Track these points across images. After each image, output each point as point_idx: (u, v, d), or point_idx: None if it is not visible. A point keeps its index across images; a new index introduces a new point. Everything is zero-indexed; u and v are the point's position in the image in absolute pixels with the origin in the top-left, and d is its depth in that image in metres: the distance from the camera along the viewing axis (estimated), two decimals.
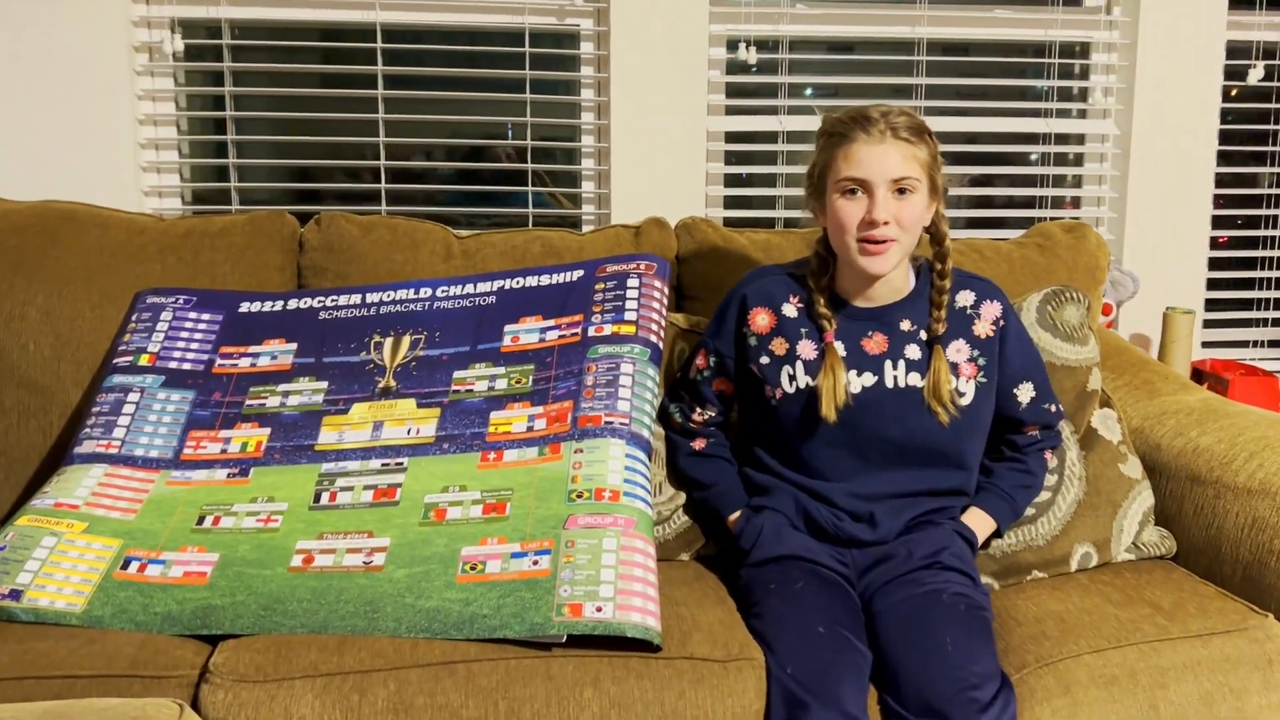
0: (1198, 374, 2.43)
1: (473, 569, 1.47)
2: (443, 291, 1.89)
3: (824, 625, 1.45)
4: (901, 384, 1.62)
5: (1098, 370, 1.88)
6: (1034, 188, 2.63)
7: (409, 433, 1.70)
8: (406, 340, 1.83)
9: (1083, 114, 2.63)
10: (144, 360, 1.82)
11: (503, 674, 1.36)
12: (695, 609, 1.52)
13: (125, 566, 1.53)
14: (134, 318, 1.87)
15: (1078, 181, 2.66)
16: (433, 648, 1.39)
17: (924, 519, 1.64)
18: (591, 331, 1.77)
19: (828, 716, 1.33)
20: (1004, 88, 2.60)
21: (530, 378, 1.73)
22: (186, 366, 1.83)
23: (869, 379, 1.62)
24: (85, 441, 1.71)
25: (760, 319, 1.67)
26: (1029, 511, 1.74)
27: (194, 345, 1.85)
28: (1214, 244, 2.66)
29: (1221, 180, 2.64)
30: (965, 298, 1.66)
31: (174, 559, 1.54)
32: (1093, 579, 1.70)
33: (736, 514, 1.70)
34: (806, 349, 1.64)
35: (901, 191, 1.54)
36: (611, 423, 1.63)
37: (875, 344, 1.63)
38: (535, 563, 1.46)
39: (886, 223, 1.53)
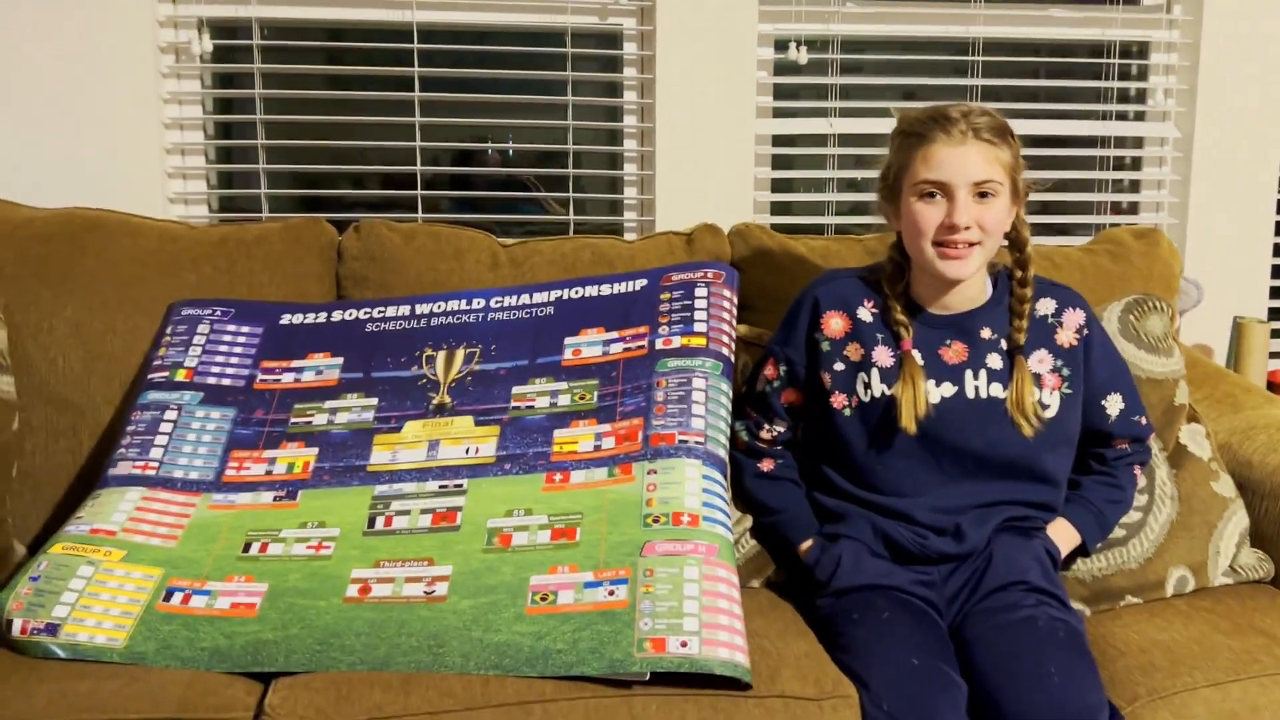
0: (1271, 386, 2.34)
1: (544, 600, 1.38)
2: (496, 302, 1.80)
3: (918, 658, 1.37)
4: (983, 394, 1.56)
5: (1184, 383, 1.79)
6: (1091, 192, 2.54)
7: (467, 452, 1.61)
8: (460, 354, 1.73)
9: (1141, 116, 2.54)
10: (181, 376, 1.72)
11: (581, 714, 1.27)
12: (778, 641, 1.43)
13: (168, 598, 1.43)
14: (169, 330, 1.78)
15: (1135, 186, 2.57)
16: (505, 686, 1.29)
17: (1010, 524, 1.57)
18: (659, 344, 1.67)
19: None
20: (1062, 89, 2.51)
21: (595, 393, 1.64)
22: (226, 382, 1.73)
23: (949, 389, 1.56)
24: (121, 463, 1.62)
25: (834, 323, 1.60)
26: (1119, 533, 1.65)
27: (234, 360, 1.75)
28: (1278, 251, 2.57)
29: None
30: (1046, 305, 1.60)
31: (220, 589, 1.44)
32: (1193, 605, 1.60)
33: (809, 543, 1.61)
34: (883, 356, 1.58)
35: (983, 195, 1.49)
36: (686, 441, 1.53)
37: (954, 353, 1.57)
38: (611, 593, 1.37)
39: (968, 227, 1.48)
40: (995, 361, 1.56)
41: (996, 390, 1.55)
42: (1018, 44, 2.49)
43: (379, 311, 1.82)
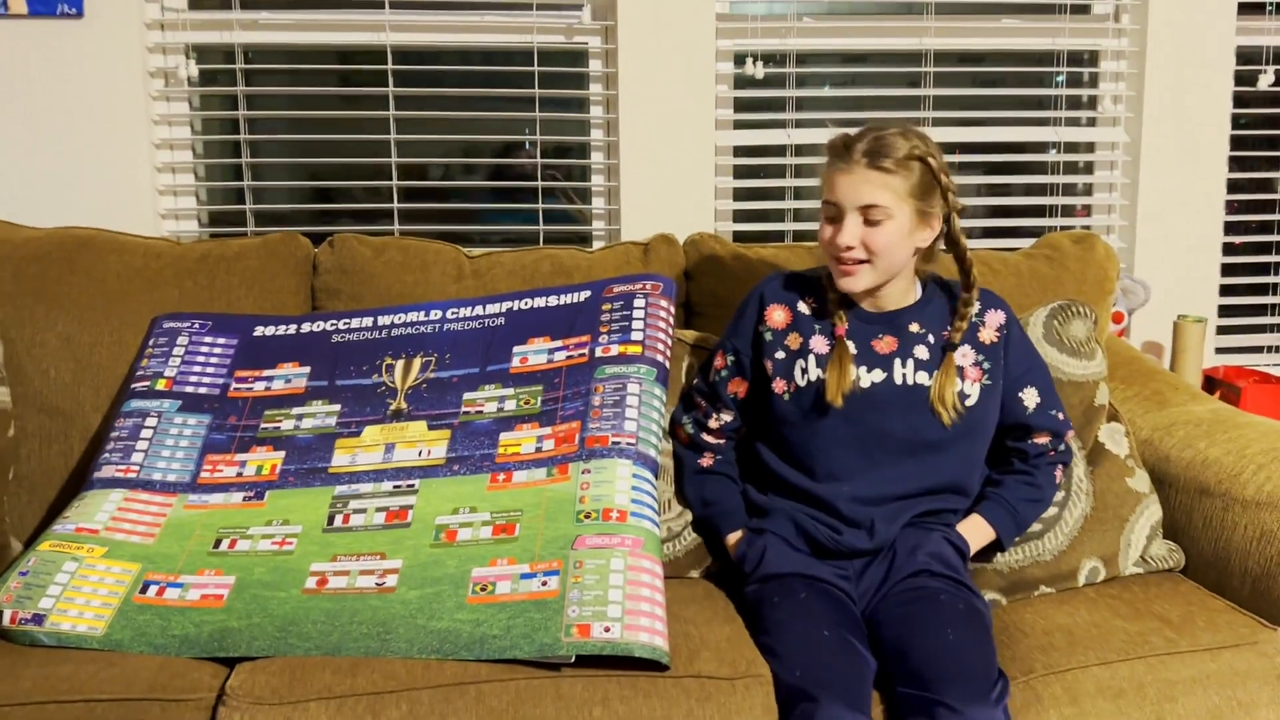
0: (1210, 381, 2.43)
1: (483, 590, 1.50)
2: (452, 313, 1.92)
3: (829, 629, 1.50)
4: (910, 381, 1.66)
5: (1105, 385, 1.88)
6: (1044, 196, 2.63)
7: (420, 454, 1.73)
8: (417, 363, 1.86)
9: (1092, 122, 2.63)
10: (161, 385, 1.85)
11: (513, 694, 1.38)
12: (703, 627, 1.54)
13: (144, 590, 1.56)
14: (151, 343, 1.91)
15: (1088, 189, 2.66)
16: (444, 669, 1.41)
17: (919, 521, 1.67)
18: (599, 352, 1.79)
19: (837, 708, 1.36)
20: (1013, 97, 2.60)
21: (539, 399, 1.76)
22: (203, 391, 1.86)
23: (878, 375, 1.66)
24: (105, 466, 1.75)
25: (776, 315, 1.71)
26: (1035, 527, 1.75)
27: (210, 369, 1.88)
28: (1228, 250, 2.65)
29: (1235, 186, 2.63)
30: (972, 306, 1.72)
31: (191, 582, 1.57)
32: (1100, 593, 1.71)
33: (737, 535, 1.72)
34: (819, 344, 1.69)
35: (872, 219, 1.59)
36: (619, 443, 1.65)
37: (885, 344, 1.68)
38: (544, 583, 1.49)
39: (851, 247, 1.59)
40: (922, 353, 1.67)
41: (923, 378, 1.66)
42: (969, 55, 2.58)
43: (344, 323, 1.94)
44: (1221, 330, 2.70)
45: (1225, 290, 2.68)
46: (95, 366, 1.90)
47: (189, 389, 1.85)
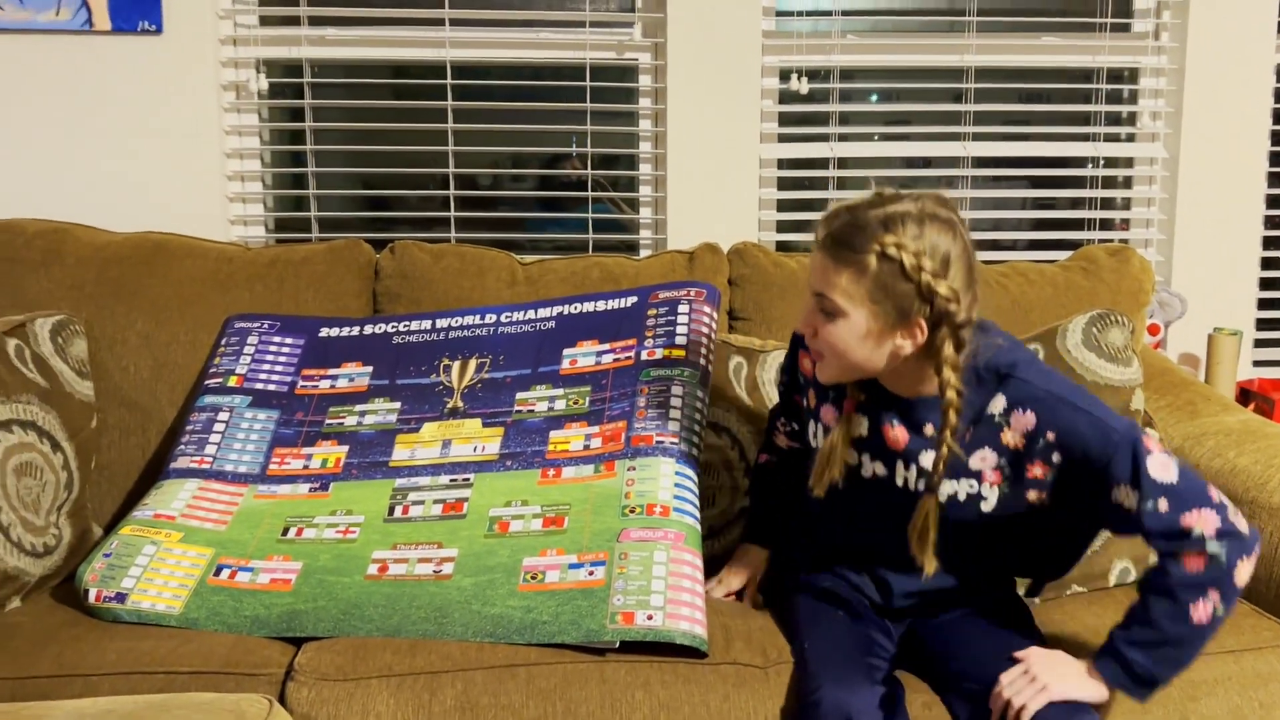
0: (1245, 394, 2.46)
1: (533, 578, 1.59)
2: (506, 317, 2.02)
3: (854, 622, 1.53)
4: (912, 487, 1.47)
5: (1140, 391, 1.94)
6: (1084, 210, 2.68)
7: (475, 450, 1.83)
8: (473, 363, 1.95)
9: (1131, 138, 2.68)
10: (232, 381, 1.97)
11: (560, 677, 1.47)
12: (738, 618, 1.62)
13: (217, 573, 1.67)
14: (223, 342, 2.02)
15: (1126, 204, 2.71)
16: (496, 651, 1.50)
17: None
18: (644, 355, 1.87)
19: (839, 691, 1.38)
20: (1053, 113, 2.65)
21: (587, 399, 1.85)
22: (271, 388, 1.97)
23: (880, 468, 1.49)
24: (180, 458, 1.86)
25: (805, 363, 1.57)
26: None
27: (278, 368, 1.99)
28: (1266, 264, 2.68)
29: (1274, 200, 2.67)
30: (996, 404, 1.41)
31: (261, 567, 1.68)
32: (1129, 595, 1.75)
33: (751, 548, 1.75)
34: (828, 414, 1.53)
35: (826, 310, 1.37)
36: (663, 442, 1.74)
37: (895, 435, 1.46)
38: (591, 573, 1.57)
39: (810, 334, 1.41)
40: (927, 461, 1.44)
41: (923, 486, 1.46)
42: (1010, 70, 2.65)
43: (404, 325, 2.05)
44: (1259, 344, 2.73)
45: (1264, 304, 2.71)
46: (172, 363, 2.02)
47: (259, 385, 1.97)
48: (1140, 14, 2.64)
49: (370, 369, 1.99)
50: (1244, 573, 1.32)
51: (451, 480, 1.79)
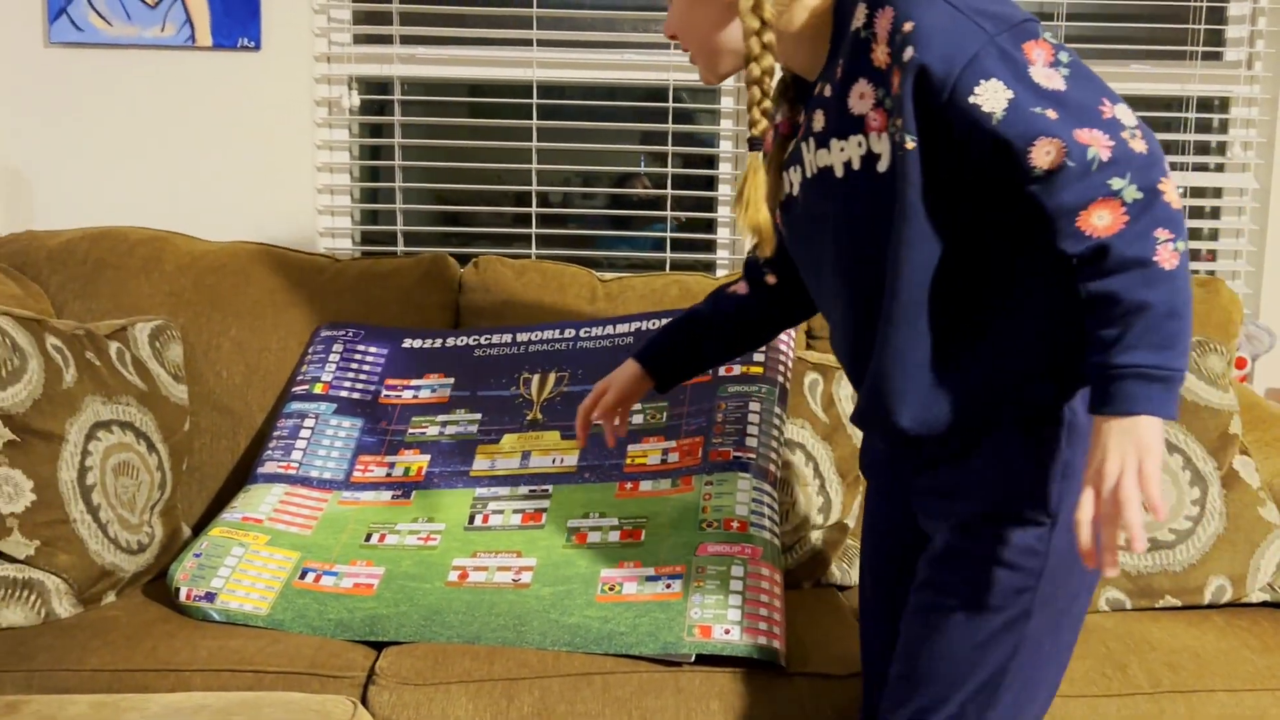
0: None
1: (611, 590, 1.60)
2: (585, 332, 2.05)
3: (875, 620, 1.37)
4: (813, 169, 1.19)
5: (1238, 417, 1.92)
6: None
7: (554, 462, 1.85)
8: (552, 377, 1.98)
9: (1220, 168, 2.64)
10: (319, 389, 2.02)
11: (635, 685, 1.48)
12: (815, 630, 1.64)
13: (303, 576, 1.71)
14: (310, 350, 2.08)
15: (1214, 234, 2.67)
16: (573, 660, 1.52)
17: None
18: (722, 371, 1.89)
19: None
20: None
21: (665, 414, 1.87)
22: (356, 396, 2.02)
23: (811, 188, 1.21)
24: (267, 462, 1.91)
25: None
26: (1168, 537, 1.79)
27: (362, 377, 2.04)
28: None
29: None
30: (859, 15, 1.11)
31: (345, 571, 1.71)
32: (1230, 622, 1.74)
33: (630, 365, 1.50)
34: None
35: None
36: (740, 457, 1.75)
37: (817, 123, 1.18)
38: (668, 586, 1.59)
39: (673, 36, 1.27)
40: (819, 122, 1.17)
41: (824, 158, 1.17)
42: None
43: (486, 339, 2.09)
44: None
45: None
46: (262, 370, 2.08)
47: (344, 393, 2.01)
48: (1233, 43, 2.60)
49: (452, 380, 2.03)
50: (1172, 193, 1.02)
51: (530, 491, 1.82)
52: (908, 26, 1.04)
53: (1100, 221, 1.01)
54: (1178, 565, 1.78)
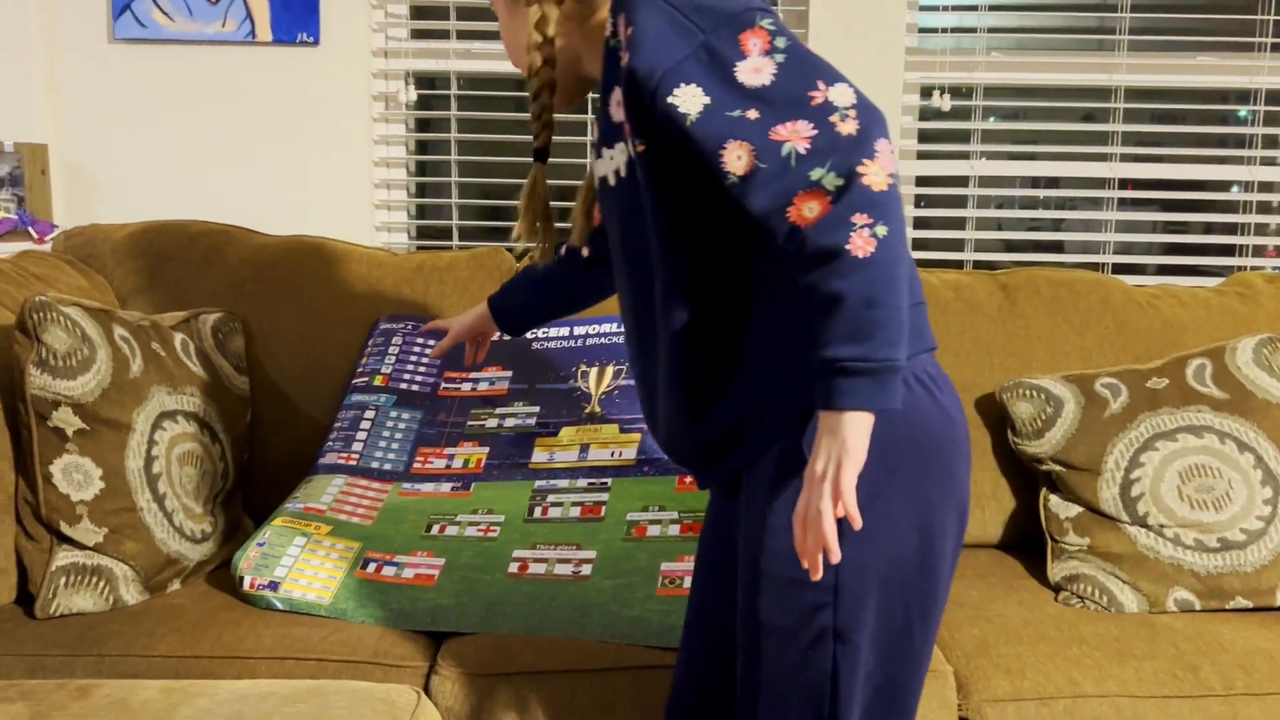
0: None
1: (672, 583, 1.60)
2: None
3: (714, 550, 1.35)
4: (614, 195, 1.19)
5: None
6: (1235, 235, 2.59)
7: (612, 455, 1.85)
8: (610, 370, 1.98)
9: None
10: (378, 381, 2.03)
11: None
12: None
13: (364, 566, 1.72)
14: (370, 342, 2.09)
15: None
16: (634, 652, 1.52)
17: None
18: None
19: None
20: (1202, 135, 2.57)
21: None
22: (415, 388, 2.03)
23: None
24: (328, 453, 1.93)
25: None
26: (1239, 537, 1.75)
27: (421, 369, 2.05)
28: None
29: None
30: (608, 24, 1.11)
31: (406, 562, 1.72)
32: None
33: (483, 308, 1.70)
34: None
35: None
36: None
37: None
38: None
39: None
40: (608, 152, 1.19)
41: (601, 168, 1.20)
42: (1161, 90, 2.58)
43: (544, 332, 2.09)
44: None
45: None
46: (322, 362, 2.10)
47: (403, 385, 2.02)
48: None
49: (510, 373, 2.03)
50: (876, 174, 0.97)
51: (589, 484, 1.81)
52: (629, 31, 1.05)
53: (810, 213, 0.98)
54: (1249, 566, 1.75)
